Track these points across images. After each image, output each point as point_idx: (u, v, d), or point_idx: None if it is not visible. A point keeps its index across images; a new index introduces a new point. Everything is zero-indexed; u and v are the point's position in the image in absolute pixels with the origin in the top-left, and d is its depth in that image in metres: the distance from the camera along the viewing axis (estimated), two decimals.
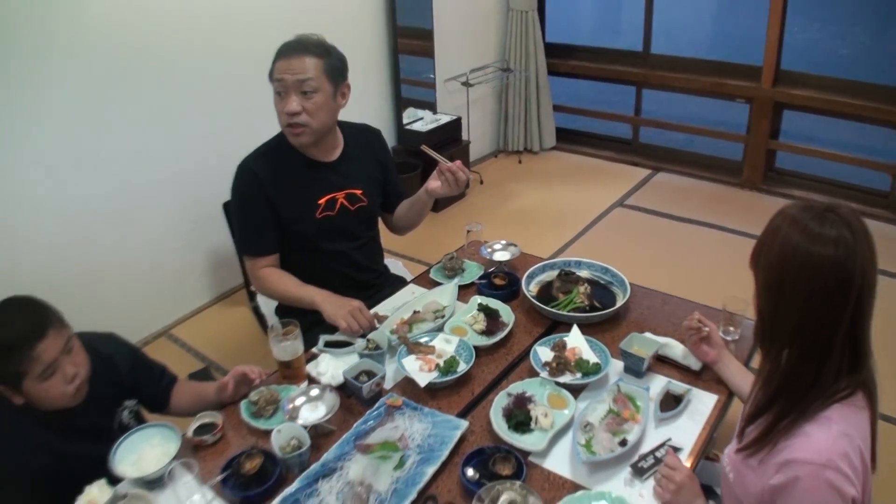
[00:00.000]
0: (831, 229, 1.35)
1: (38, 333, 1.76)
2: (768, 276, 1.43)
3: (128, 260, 3.86)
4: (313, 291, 2.47)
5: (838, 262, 1.34)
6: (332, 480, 1.74)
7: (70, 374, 1.82)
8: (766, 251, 1.44)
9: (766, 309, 1.46)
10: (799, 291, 1.38)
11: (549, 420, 1.87)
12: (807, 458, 1.36)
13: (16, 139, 3.25)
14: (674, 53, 6.24)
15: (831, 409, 1.40)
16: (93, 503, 1.71)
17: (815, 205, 1.41)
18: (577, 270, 2.63)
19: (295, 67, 2.34)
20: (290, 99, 2.35)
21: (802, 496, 1.36)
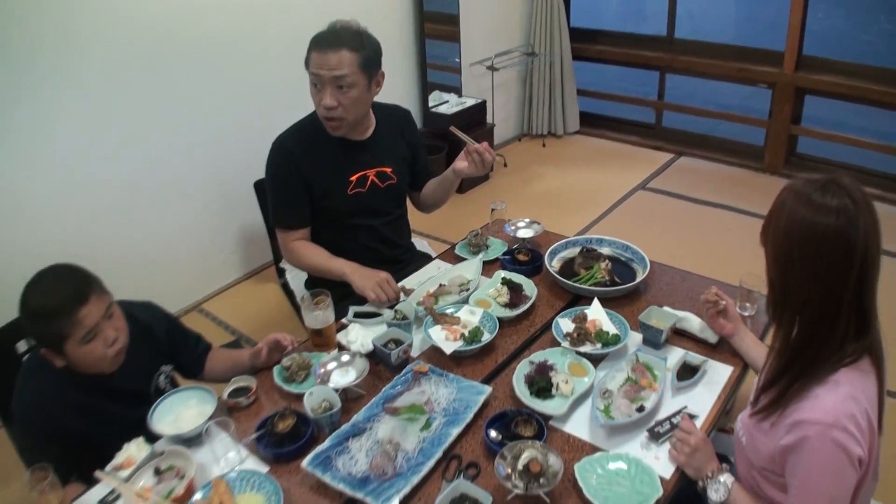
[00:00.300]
0: (833, 199, 1.43)
1: (81, 298, 1.84)
2: (777, 248, 1.51)
3: (161, 237, 3.98)
4: (343, 263, 2.56)
5: (841, 230, 1.41)
6: (362, 439, 1.83)
7: (111, 339, 1.91)
8: (774, 224, 1.51)
9: (777, 279, 1.53)
10: (805, 260, 1.45)
11: (569, 387, 1.95)
12: (815, 419, 1.43)
13: (57, 123, 3.36)
14: (697, 38, 6.26)
15: (839, 373, 1.47)
16: (131, 460, 1.81)
17: (817, 178, 1.49)
18: (598, 247, 2.70)
19: (331, 62, 2.38)
20: (325, 93, 2.42)
21: (811, 455, 1.44)
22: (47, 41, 3.22)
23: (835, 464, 1.43)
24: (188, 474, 1.74)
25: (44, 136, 3.33)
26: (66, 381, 1.95)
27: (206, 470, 1.82)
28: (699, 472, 1.70)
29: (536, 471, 1.60)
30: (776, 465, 1.56)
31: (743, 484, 1.71)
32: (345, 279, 2.51)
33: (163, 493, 1.70)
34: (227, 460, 1.85)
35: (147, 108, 3.72)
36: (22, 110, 3.23)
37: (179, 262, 4.11)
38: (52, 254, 2.06)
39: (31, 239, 3.35)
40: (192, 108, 3.94)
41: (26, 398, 1.95)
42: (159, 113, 3.78)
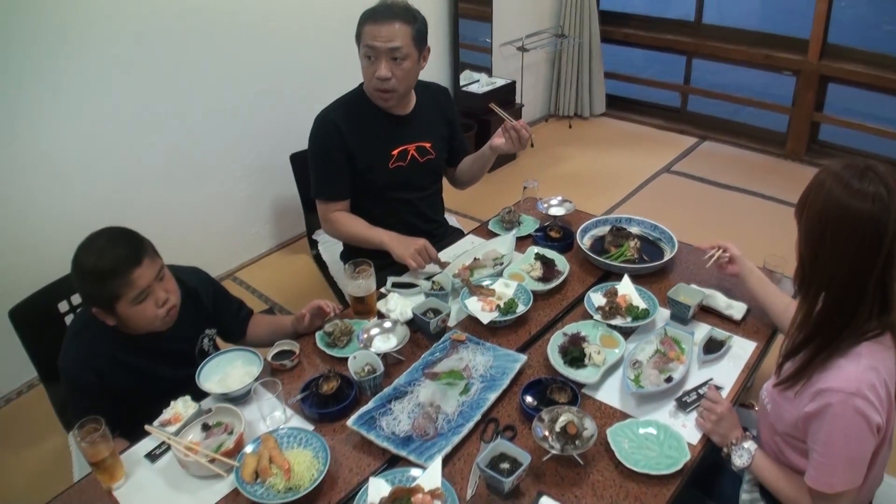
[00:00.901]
0: (870, 186, 1.50)
1: (135, 260, 1.91)
2: (811, 226, 1.58)
3: (199, 205, 4.08)
4: (381, 233, 2.64)
5: (874, 215, 1.48)
6: (404, 402, 1.93)
7: (162, 299, 1.99)
8: (811, 203, 1.58)
9: (807, 255, 1.61)
10: (837, 240, 1.52)
11: (601, 357, 2.05)
12: (838, 387, 1.52)
13: (104, 91, 3.45)
14: (724, 24, 6.28)
15: (861, 346, 1.56)
16: (178, 416, 1.91)
17: (855, 163, 1.56)
18: (628, 227, 2.78)
19: (386, 34, 2.45)
20: (380, 65, 2.49)
21: (833, 421, 1.53)
22: (95, 13, 3.31)
23: (856, 430, 1.52)
24: (237, 430, 1.83)
25: (91, 103, 3.43)
26: (115, 340, 2.03)
27: (252, 427, 1.91)
28: (724, 438, 1.79)
29: (574, 433, 1.70)
30: (798, 431, 1.65)
31: (765, 449, 1.81)
32: (384, 248, 2.59)
33: (212, 447, 1.79)
34: (272, 419, 1.94)
35: (188, 80, 3.80)
36: (73, 77, 3.32)
37: (215, 231, 4.22)
38: (93, 219, 2.12)
39: (74, 204, 3.45)
40: (232, 82, 4.02)
41: (74, 353, 2.03)
42: (200, 85, 3.86)
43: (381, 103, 2.63)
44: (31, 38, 3.12)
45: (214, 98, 3.96)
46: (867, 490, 1.76)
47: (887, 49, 5.48)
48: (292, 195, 3.44)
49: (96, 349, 2.02)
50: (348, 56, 2.73)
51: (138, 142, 3.67)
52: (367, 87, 2.62)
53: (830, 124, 5.81)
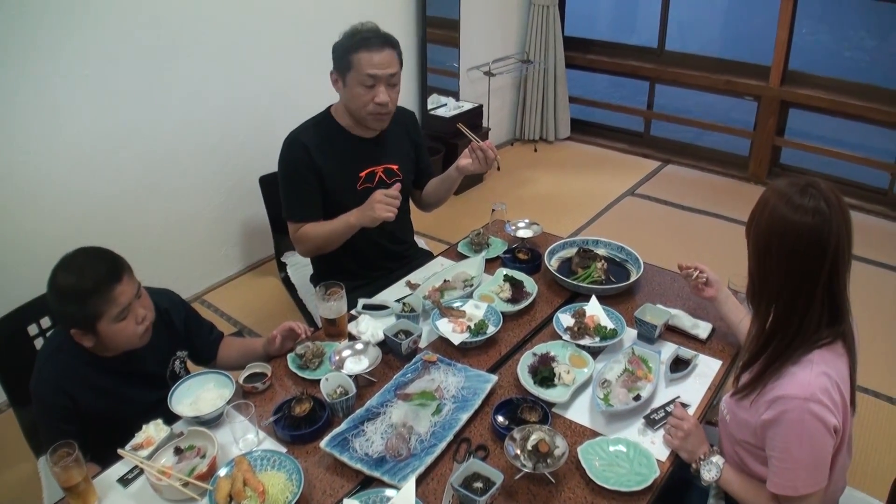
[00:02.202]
0: (810, 201, 1.57)
1: (116, 278, 1.93)
2: (758, 242, 1.66)
3: (167, 228, 4.06)
4: (344, 218, 2.65)
5: (815, 228, 1.55)
6: (377, 423, 1.94)
7: (140, 316, 2.00)
8: (757, 220, 1.66)
9: (756, 270, 1.68)
10: (782, 254, 1.60)
11: (570, 376, 2.08)
12: (792, 394, 1.58)
13: (70, 111, 3.44)
14: (687, 51, 6.43)
15: (812, 354, 1.62)
16: (150, 440, 1.89)
17: (798, 180, 1.63)
18: (594, 248, 2.83)
19: (385, 62, 2.52)
20: (380, 91, 2.55)
21: (790, 426, 1.58)
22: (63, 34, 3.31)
23: (812, 433, 1.57)
24: (210, 453, 1.82)
25: (59, 124, 3.41)
26: (87, 362, 2.02)
27: (225, 450, 1.91)
28: (692, 454, 1.83)
29: (545, 451, 1.72)
30: (757, 439, 1.70)
31: (728, 460, 1.85)
32: (355, 228, 2.62)
33: (185, 471, 1.78)
34: (245, 442, 1.94)
35: (157, 101, 3.79)
36: (41, 97, 3.31)
37: (183, 253, 4.20)
38: (61, 241, 2.11)
39: (41, 226, 3.42)
40: (201, 104, 4.02)
41: (46, 376, 2.01)
42: (169, 107, 3.86)
43: (378, 125, 2.68)
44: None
45: (183, 120, 3.96)
46: (830, 498, 1.82)
47: (848, 75, 5.66)
48: (261, 217, 3.45)
49: (69, 372, 2.01)
50: (317, 79, 2.76)
51: (107, 163, 3.66)
52: (361, 112, 2.62)
53: (791, 148, 5.96)
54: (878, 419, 3.26)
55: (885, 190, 5.49)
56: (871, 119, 5.38)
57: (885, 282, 4.42)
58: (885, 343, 3.77)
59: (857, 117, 5.47)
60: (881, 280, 4.44)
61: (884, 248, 4.69)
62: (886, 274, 4.52)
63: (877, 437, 3.10)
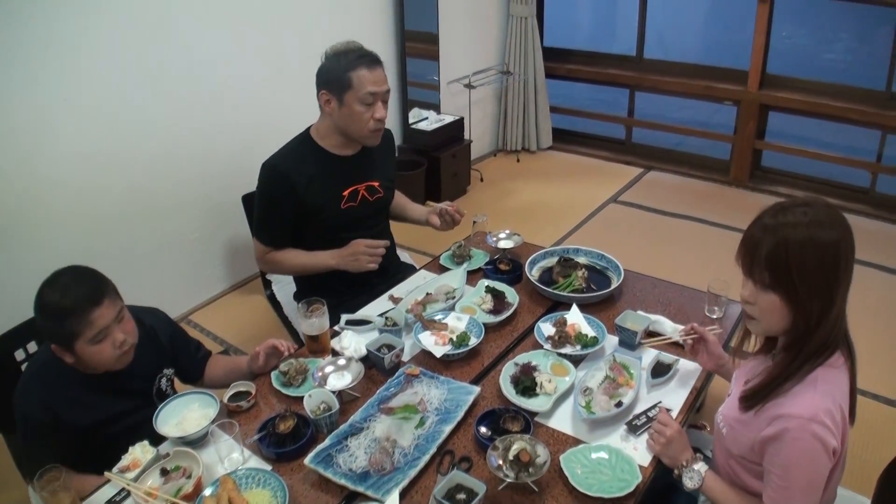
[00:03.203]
0: (826, 213, 1.58)
1: (96, 300, 1.92)
2: (812, 278, 1.57)
3: (150, 248, 4.05)
4: (322, 257, 2.71)
5: (849, 232, 1.58)
6: (360, 438, 1.94)
7: (119, 340, 1.98)
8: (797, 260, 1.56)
9: (813, 309, 1.59)
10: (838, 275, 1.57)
11: (552, 385, 2.09)
12: (795, 413, 1.57)
13: (50, 135, 3.44)
14: (665, 58, 6.48)
15: (816, 372, 1.62)
16: (137, 462, 1.89)
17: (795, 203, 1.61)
18: (575, 257, 2.85)
19: (381, 79, 2.59)
20: (379, 107, 2.61)
21: (791, 445, 1.58)
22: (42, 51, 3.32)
23: (812, 454, 1.57)
24: (196, 473, 1.83)
25: (38, 144, 3.41)
26: (72, 378, 2.03)
27: (210, 470, 1.91)
28: (675, 460, 1.84)
29: (526, 460, 1.73)
30: (755, 455, 1.70)
31: (721, 473, 1.86)
32: (332, 268, 2.68)
33: (171, 492, 1.78)
34: (230, 460, 1.94)
35: (138, 123, 3.80)
36: (18, 118, 3.31)
37: (168, 273, 4.19)
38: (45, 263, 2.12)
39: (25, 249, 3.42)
40: (183, 124, 4.02)
41: (30, 393, 2.02)
42: (150, 128, 3.86)
43: (373, 142, 2.72)
44: None
45: (165, 140, 3.95)
46: None
47: (828, 77, 5.72)
48: (245, 235, 3.43)
49: (54, 388, 2.01)
50: (297, 98, 2.77)
51: (90, 185, 3.65)
52: (361, 130, 2.65)
53: (772, 150, 6.01)
54: (864, 418, 3.24)
55: (867, 189, 5.54)
56: (850, 119, 5.43)
57: (869, 280, 4.46)
58: (870, 341, 3.80)
59: (837, 118, 5.52)
60: (865, 278, 4.47)
61: (867, 246, 4.71)
62: (870, 272, 4.56)
63: (863, 436, 3.11)
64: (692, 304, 2.60)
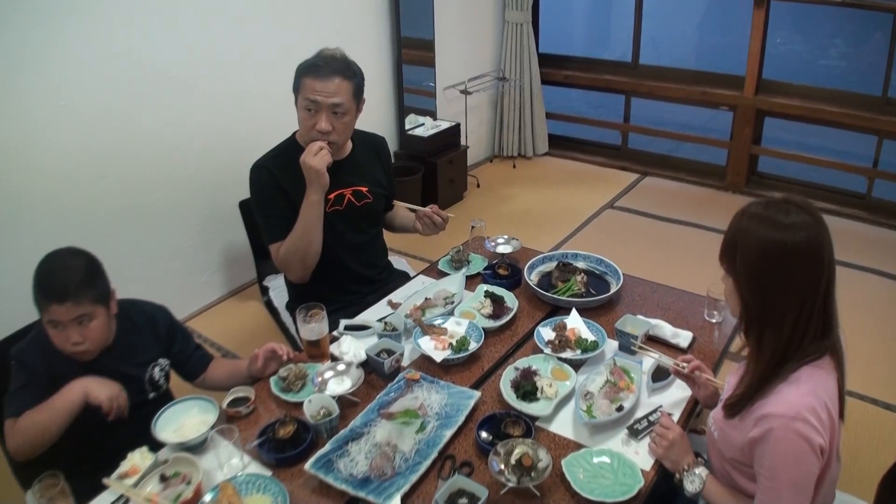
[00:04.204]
0: (797, 217, 1.58)
1: (59, 297, 1.94)
2: (751, 272, 1.63)
3: (147, 254, 4.04)
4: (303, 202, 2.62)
5: (811, 243, 1.56)
6: (361, 443, 1.93)
7: (73, 340, 2.00)
8: (744, 250, 1.64)
9: (753, 300, 1.65)
10: (783, 277, 1.59)
11: (553, 390, 2.09)
12: (778, 412, 1.58)
13: (46, 139, 3.43)
14: (661, 64, 6.51)
15: (800, 371, 1.62)
16: (135, 469, 1.87)
17: (772, 200, 1.64)
18: (573, 262, 2.85)
19: (328, 89, 2.51)
20: (321, 118, 2.55)
21: (776, 445, 1.58)
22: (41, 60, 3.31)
23: (798, 453, 1.57)
24: (195, 479, 1.81)
25: (34, 148, 3.40)
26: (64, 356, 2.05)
27: (210, 476, 1.89)
28: (676, 464, 1.84)
29: (528, 464, 1.72)
30: (745, 457, 1.70)
31: (717, 475, 1.85)
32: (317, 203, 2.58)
33: (170, 498, 1.76)
34: (230, 466, 1.92)
35: (134, 128, 3.79)
36: (14, 121, 3.30)
37: (165, 280, 4.17)
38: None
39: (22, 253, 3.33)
40: (180, 127, 4.02)
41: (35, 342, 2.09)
42: (146, 133, 3.85)
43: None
44: None
45: (161, 146, 3.95)
46: None
47: (823, 83, 5.75)
48: (242, 241, 3.44)
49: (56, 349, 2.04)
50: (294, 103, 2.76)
51: (85, 191, 3.64)
52: (304, 137, 2.65)
53: (768, 156, 6.03)
54: (862, 422, 3.28)
55: (864, 194, 5.56)
56: (846, 125, 5.46)
57: (866, 285, 4.47)
58: (867, 346, 3.80)
59: (833, 123, 5.54)
60: (862, 283, 4.49)
61: (864, 251, 4.74)
62: (867, 277, 4.57)
63: (861, 440, 3.12)
64: (691, 309, 2.59)
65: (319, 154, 2.52)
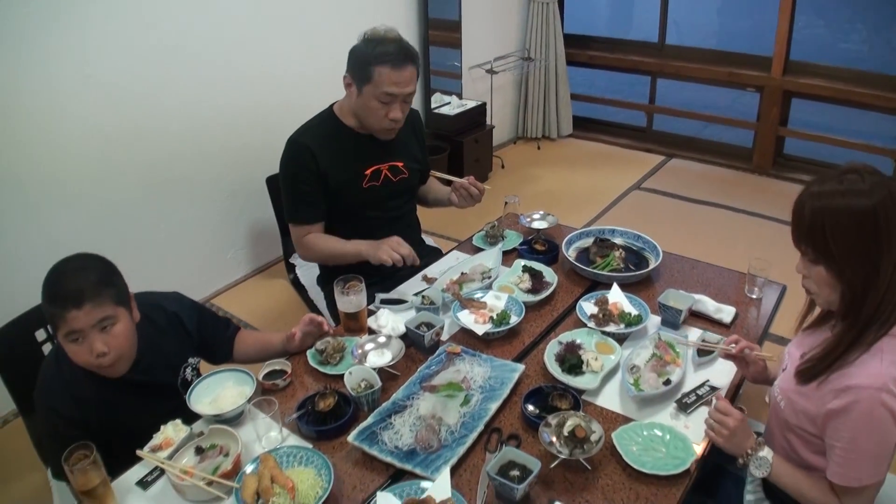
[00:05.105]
0: (872, 179, 1.52)
1: (75, 300, 1.78)
2: (853, 248, 1.54)
3: (173, 231, 4.02)
4: (357, 243, 2.61)
5: (893, 197, 1.51)
6: (405, 415, 1.90)
7: (97, 351, 1.83)
8: (833, 230, 1.54)
9: (856, 278, 1.56)
10: (881, 243, 1.52)
11: (598, 363, 2.05)
12: (864, 384, 1.53)
13: (73, 113, 3.40)
14: (687, 44, 6.41)
15: (881, 342, 1.57)
16: (168, 441, 1.84)
17: (835, 173, 1.57)
18: (611, 237, 2.80)
19: (405, 80, 2.48)
20: (395, 108, 2.52)
21: (860, 417, 1.53)
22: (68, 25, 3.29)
23: (883, 424, 1.52)
24: (233, 451, 1.77)
25: (60, 123, 3.37)
26: (83, 372, 1.90)
27: (248, 449, 1.86)
28: (740, 449, 1.74)
29: (582, 436, 1.69)
30: (816, 428, 1.65)
31: (776, 446, 1.80)
32: (362, 258, 2.57)
33: (208, 470, 1.73)
34: (268, 439, 1.89)
35: (161, 104, 3.76)
36: (39, 95, 3.27)
37: (190, 257, 4.16)
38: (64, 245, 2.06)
39: (45, 230, 3.38)
40: (206, 104, 3.99)
41: (45, 384, 1.94)
42: (173, 108, 3.83)
43: (386, 137, 2.66)
44: None
45: (187, 121, 3.92)
46: None
47: (844, 66, 5.64)
48: (269, 218, 3.41)
49: (71, 379, 1.92)
50: (321, 78, 2.73)
51: (110, 167, 3.62)
52: (372, 121, 2.59)
53: (795, 138, 5.94)
54: None
55: (890, 176, 5.45)
56: (874, 106, 5.37)
57: None
58: None
59: (861, 105, 5.45)
60: None
61: None
62: None
63: None
64: (732, 285, 2.55)
65: (392, 255, 2.47)
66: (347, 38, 2.62)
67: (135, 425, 1.90)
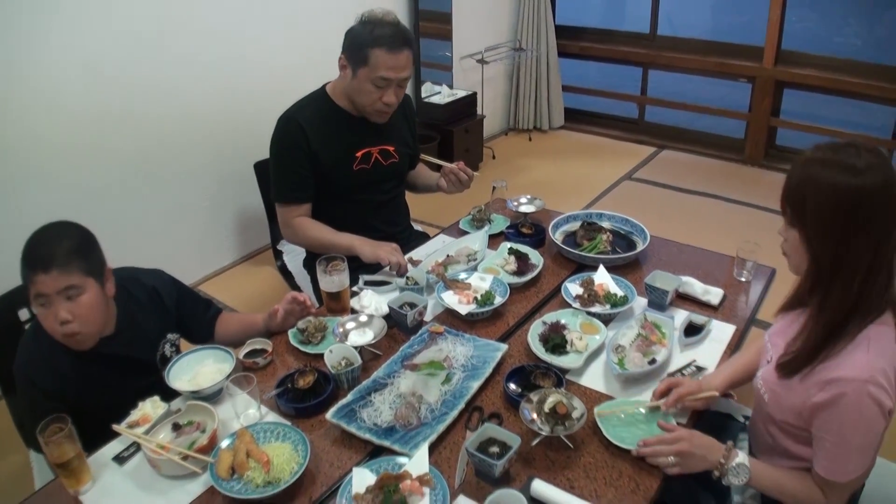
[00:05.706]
0: (869, 159, 1.46)
1: (44, 265, 1.78)
2: (826, 223, 1.49)
3: (160, 217, 3.99)
4: (350, 237, 2.59)
5: (886, 185, 1.44)
6: (384, 393, 1.87)
7: (61, 318, 1.81)
8: (814, 200, 1.50)
9: (824, 253, 1.52)
10: (858, 225, 1.46)
11: (583, 343, 2.02)
12: (851, 376, 1.47)
13: (62, 97, 3.37)
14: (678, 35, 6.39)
15: (867, 331, 1.51)
16: (146, 417, 1.81)
17: (838, 144, 1.51)
18: (599, 221, 2.78)
19: (401, 64, 2.46)
20: (390, 92, 2.51)
21: (847, 409, 1.48)
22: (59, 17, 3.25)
23: (869, 417, 1.47)
24: (210, 427, 1.75)
25: (47, 104, 3.35)
26: (61, 345, 1.89)
27: (226, 425, 1.84)
28: (705, 462, 1.65)
29: (563, 413, 1.66)
30: (802, 421, 1.59)
31: (759, 438, 1.77)
32: (353, 252, 2.53)
33: (184, 445, 1.72)
34: (246, 416, 1.87)
35: (149, 88, 3.73)
36: (26, 76, 3.24)
37: (177, 242, 4.13)
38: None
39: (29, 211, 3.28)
40: (194, 88, 3.96)
41: (23, 359, 1.92)
42: (161, 93, 3.79)
43: (378, 120, 2.63)
44: None
45: (175, 106, 3.89)
46: None
47: None
48: (256, 205, 3.38)
49: (50, 353, 1.91)
50: (312, 64, 2.70)
51: (98, 150, 3.59)
52: (363, 106, 2.57)
53: (787, 128, 5.93)
54: None
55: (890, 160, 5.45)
56: (866, 95, 5.37)
57: None
58: None
59: (853, 94, 5.45)
60: None
61: None
62: None
63: None
64: (720, 269, 2.53)
65: (393, 256, 2.47)
66: (337, 25, 2.60)
67: (112, 400, 1.89)
